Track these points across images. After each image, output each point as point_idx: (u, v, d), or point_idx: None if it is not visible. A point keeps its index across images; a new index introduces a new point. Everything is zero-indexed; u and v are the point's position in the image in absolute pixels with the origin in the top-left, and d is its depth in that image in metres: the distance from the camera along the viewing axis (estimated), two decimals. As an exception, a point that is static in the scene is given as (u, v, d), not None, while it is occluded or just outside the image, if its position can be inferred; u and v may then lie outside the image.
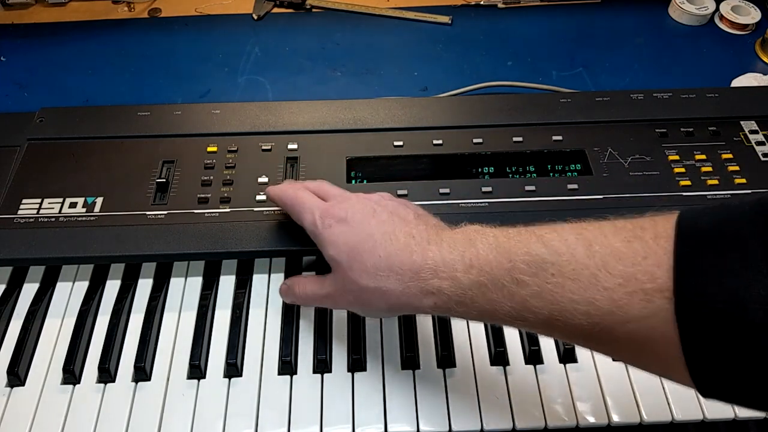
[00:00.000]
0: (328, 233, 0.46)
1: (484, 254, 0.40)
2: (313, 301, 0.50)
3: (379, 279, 0.43)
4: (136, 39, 0.82)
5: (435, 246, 0.42)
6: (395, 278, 0.42)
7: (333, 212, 0.47)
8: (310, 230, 0.48)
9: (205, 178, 0.59)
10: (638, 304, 0.33)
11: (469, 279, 0.39)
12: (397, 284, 0.42)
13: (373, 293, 0.43)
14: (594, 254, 0.35)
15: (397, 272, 0.42)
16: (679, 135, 0.63)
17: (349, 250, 0.44)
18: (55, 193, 0.58)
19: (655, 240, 0.34)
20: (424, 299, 0.42)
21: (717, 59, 0.80)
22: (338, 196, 0.50)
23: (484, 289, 0.39)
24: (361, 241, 0.44)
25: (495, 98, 0.68)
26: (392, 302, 0.43)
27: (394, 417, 0.49)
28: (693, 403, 0.50)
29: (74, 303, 0.56)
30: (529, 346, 0.52)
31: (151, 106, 0.65)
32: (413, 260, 0.42)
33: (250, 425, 0.49)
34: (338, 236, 0.45)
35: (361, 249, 0.44)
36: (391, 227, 0.44)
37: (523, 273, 0.37)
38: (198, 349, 0.52)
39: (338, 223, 0.46)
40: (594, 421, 0.49)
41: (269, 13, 0.86)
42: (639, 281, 0.33)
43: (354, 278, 0.44)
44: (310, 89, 0.76)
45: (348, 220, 0.46)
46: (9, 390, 0.51)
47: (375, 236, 0.44)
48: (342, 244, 0.45)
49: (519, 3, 0.87)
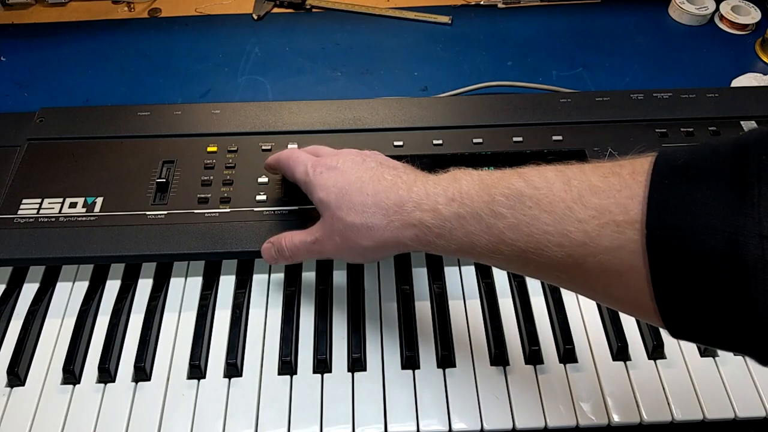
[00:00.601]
0: (318, 179, 0.48)
1: (466, 189, 0.41)
2: (302, 250, 0.50)
3: (366, 215, 0.44)
4: (136, 39, 0.82)
5: (421, 183, 0.44)
6: (381, 213, 0.44)
7: (324, 162, 0.49)
8: (302, 180, 0.50)
9: (205, 178, 0.59)
10: (609, 236, 0.34)
11: (449, 211, 0.41)
12: (382, 219, 0.44)
13: (359, 229, 0.45)
14: (571, 188, 0.36)
15: (382, 207, 0.44)
16: (679, 135, 0.63)
17: (338, 191, 0.46)
18: (55, 193, 0.58)
19: (632, 175, 0.34)
20: (405, 231, 0.43)
21: (717, 59, 0.80)
22: (331, 151, 0.52)
23: (462, 221, 0.40)
24: (350, 182, 0.46)
25: (495, 98, 0.68)
26: (376, 237, 0.44)
27: (394, 417, 0.49)
28: (693, 403, 0.50)
29: (74, 303, 0.56)
30: (529, 346, 0.52)
31: (151, 106, 0.66)
32: (399, 195, 0.44)
33: (250, 425, 0.49)
34: (328, 180, 0.47)
35: (349, 189, 0.46)
36: (380, 171, 0.46)
37: (502, 205, 0.38)
38: (198, 349, 0.52)
39: (329, 170, 0.48)
40: (594, 420, 0.49)
41: (269, 13, 0.86)
42: (612, 213, 0.34)
43: (341, 216, 0.45)
44: (310, 89, 0.76)
45: (338, 167, 0.48)
46: (9, 390, 0.51)
47: (363, 178, 0.46)
48: (332, 186, 0.47)
49: (519, 3, 0.87)
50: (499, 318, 0.54)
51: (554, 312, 0.54)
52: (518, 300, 0.55)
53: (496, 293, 0.56)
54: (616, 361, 0.52)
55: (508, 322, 0.54)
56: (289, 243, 0.51)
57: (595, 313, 0.55)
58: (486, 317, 0.55)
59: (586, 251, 0.35)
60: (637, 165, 0.35)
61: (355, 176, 0.47)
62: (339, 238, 0.46)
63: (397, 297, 0.56)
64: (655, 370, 0.52)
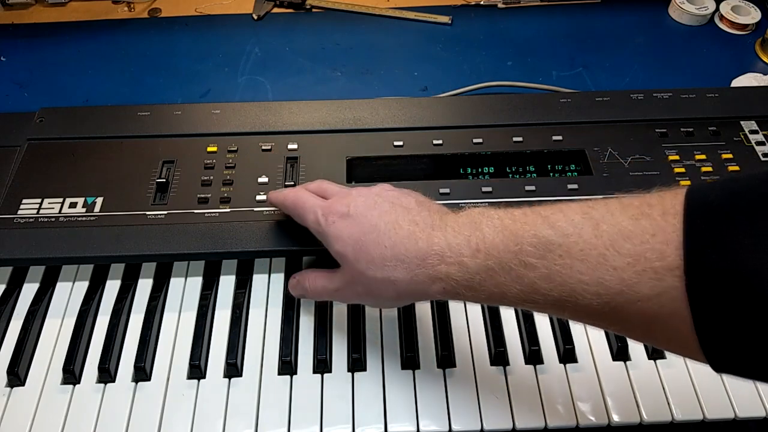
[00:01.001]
0: (332, 229, 0.46)
1: (490, 238, 0.39)
2: (324, 295, 0.50)
3: (387, 269, 0.43)
4: (136, 39, 0.82)
5: (439, 231, 0.42)
6: (402, 267, 0.42)
7: (335, 208, 0.47)
8: (314, 229, 0.48)
9: (205, 178, 0.59)
10: (648, 283, 0.33)
11: (476, 263, 0.39)
12: (405, 273, 0.42)
13: (382, 283, 0.43)
14: (602, 234, 0.35)
15: (403, 261, 0.42)
16: (679, 135, 0.63)
17: (354, 243, 0.44)
18: (55, 193, 0.58)
19: (664, 217, 0.34)
20: (432, 285, 0.41)
21: (717, 59, 0.80)
22: (339, 192, 0.50)
23: (491, 273, 0.39)
24: (365, 233, 0.44)
25: (495, 98, 0.68)
26: (401, 290, 0.43)
27: (394, 417, 0.49)
28: (693, 403, 0.50)
29: (74, 303, 0.56)
30: (529, 346, 0.52)
31: (151, 106, 0.65)
32: (419, 247, 0.42)
33: (250, 425, 0.49)
34: (342, 231, 0.45)
35: (366, 241, 0.44)
36: (394, 216, 0.44)
37: (531, 255, 0.37)
38: (198, 349, 0.52)
39: (341, 219, 0.46)
40: (594, 421, 0.49)
41: (269, 13, 0.86)
42: (648, 260, 0.33)
43: (361, 270, 0.44)
44: (310, 89, 0.76)
45: (351, 214, 0.46)
46: (9, 390, 0.51)
47: (379, 227, 0.44)
48: (347, 237, 0.45)
49: (519, 3, 0.87)
50: (499, 318, 0.54)
51: (554, 312, 0.54)
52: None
53: (496, 293, 0.56)
54: (616, 361, 0.52)
55: (508, 322, 0.54)
56: (312, 285, 0.50)
57: (595, 313, 0.55)
58: (486, 317, 0.55)
59: (624, 299, 0.34)
60: (667, 204, 0.34)
61: (369, 225, 0.44)
62: (361, 289, 0.46)
63: (397, 297, 0.56)
64: (655, 370, 0.52)
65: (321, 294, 0.50)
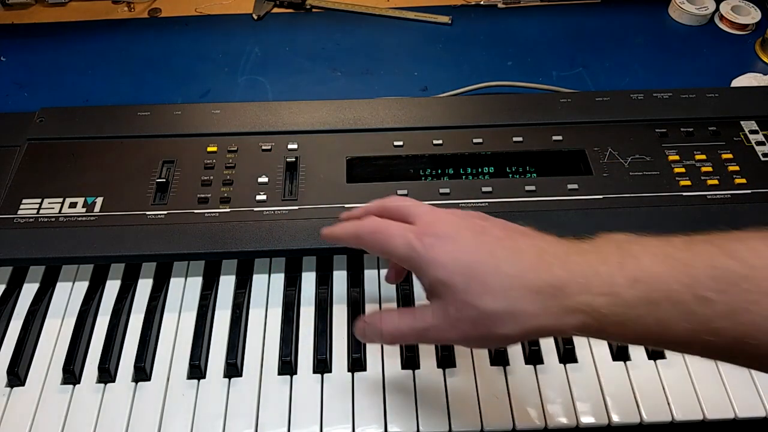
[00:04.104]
0: (433, 254, 0.39)
1: (650, 266, 0.34)
2: (410, 338, 0.42)
3: (509, 300, 0.36)
4: (136, 39, 0.82)
5: (578, 257, 0.36)
6: (530, 297, 0.36)
7: (432, 230, 0.40)
8: (407, 255, 0.40)
9: (205, 178, 0.59)
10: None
11: (634, 295, 0.34)
12: (533, 304, 0.36)
13: (500, 317, 0.36)
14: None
15: (533, 290, 0.36)
16: (679, 135, 0.63)
17: (464, 269, 0.38)
18: (55, 193, 0.58)
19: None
20: (567, 319, 0.35)
21: (717, 59, 0.80)
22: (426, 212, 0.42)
23: (653, 308, 0.33)
24: (478, 258, 0.38)
25: (495, 98, 0.68)
26: (526, 326, 0.36)
27: (394, 417, 0.49)
28: (693, 403, 0.50)
29: (74, 303, 0.55)
30: (529, 346, 0.52)
31: (151, 106, 0.65)
32: (554, 274, 0.36)
33: (250, 425, 0.49)
34: (446, 255, 0.38)
35: (480, 267, 0.37)
36: (513, 241, 0.38)
37: (709, 289, 0.32)
38: (198, 349, 0.52)
39: (442, 242, 0.39)
40: (594, 421, 0.49)
41: (269, 13, 0.86)
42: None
43: (472, 302, 0.37)
44: (310, 89, 0.76)
45: (454, 237, 0.39)
46: (9, 390, 0.51)
47: (496, 252, 0.38)
48: (451, 263, 0.38)
49: (519, 3, 0.87)
50: (499, 318, 0.54)
51: (554, 312, 0.54)
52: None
53: (496, 293, 0.56)
54: (616, 361, 0.52)
55: (508, 322, 0.54)
56: (392, 328, 0.41)
57: (595, 313, 0.55)
58: (486, 317, 0.55)
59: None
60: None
61: (484, 250, 0.38)
62: (469, 327, 0.38)
63: (397, 297, 0.56)
64: (655, 370, 0.52)
65: (405, 336, 0.41)
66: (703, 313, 0.33)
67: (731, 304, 0.32)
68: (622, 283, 0.34)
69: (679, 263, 0.34)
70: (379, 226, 0.42)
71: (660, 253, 0.34)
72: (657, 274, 0.34)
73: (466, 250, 0.38)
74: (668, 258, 0.34)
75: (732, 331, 0.32)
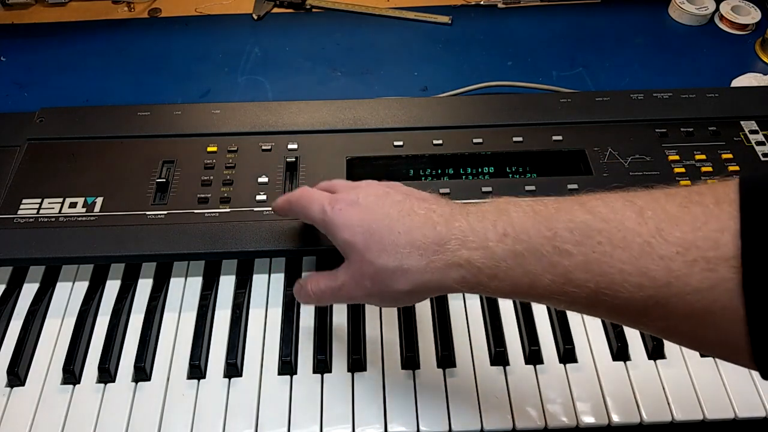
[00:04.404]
0: (339, 217, 0.43)
1: (519, 222, 0.36)
2: (327, 295, 0.46)
3: (400, 256, 0.39)
4: (136, 39, 0.82)
5: (461, 217, 0.39)
6: (417, 254, 0.39)
7: (343, 197, 0.44)
8: (319, 218, 0.45)
9: (205, 178, 0.59)
10: (699, 274, 0.30)
11: (503, 248, 0.36)
12: (420, 260, 0.39)
13: (393, 273, 0.40)
14: (647, 220, 0.32)
15: (419, 247, 0.39)
16: (679, 135, 0.63)
17: (364, 230, 0.41)
18: (55, 193, 0.58)
19: (717, 204, 0.31)
20: (450, 273, 0.38)
21: (717, 59, 0.80)
22: (347, 184, 0.48)
23: (520, 260, 0.36)
24: (376, 219, 0.41)
25: (495, 98, 0.68)
26: (415, 281, 0.39)
27: (394, 417, 0.49)
28: (693, 403, 0.50)
29: (74, 303, 0.55)
30: (529, 346, 0.52)
31: (151, 106, 0.65)
32: (437, 231, 0.39)
33: (250, 425, 0.49)
34: (350, 218, 0.42)
35: (377, 227, 0.41)
36: (409, 205, 0.41)
37: (567, 241, 0.34)
38: (198, 349, 0.52)
39: (350, 207, 0.43)
40: (594, 421, 0.49)
41: (269, 13, 0.86)
42: (700, 249, 0.30)
43: (371, 259, 0.41)
44: (310, 89, 0.76)
45: (360, 203, 0.43)
46: (9, 390, 0.51)
47: (391, 214, 0.41)
48: (356, 225, 0.42)
49: (519, 3, 0.87)
50: (499, 318, 0.54)
51: (554, 312, 0.54)
52: (518, 300, 0.55)
53: (496, 293, 0.56)
54: (616, 361, 0.52)
55: (508, 322, 0.54)
56: (315, 287, 0.46)
57: (595, 313, 0.55)
58: (486, 317, 0.55)
59: (671, 291, 0.31)
60: (719, 193, 0.32)
61: (381, 212, 0.41)
62: (369, 283, 0.42)
63: (397, 297, 0.56)
64: (655, 370, 0.52)
65: (325, 294, 0.46)
66: (563, 264, 0.34)
67: (587, 255, 0.34)
68: (493, 237, 0.37)
69: (542, 218, 0.36)
70: (304, 193, 0.48)
71: (529, 210, 0.37)
72: (523, 228, 0.36)
73: (368, 212, 0.42)
74: (535, 214, 0.36)
75: (590, 282, 0.34)
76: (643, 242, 0.32)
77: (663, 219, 0.32)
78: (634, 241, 0.32)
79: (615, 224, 0.33)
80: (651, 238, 0.32)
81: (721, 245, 0.30)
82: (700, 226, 0.31)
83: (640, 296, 0.32)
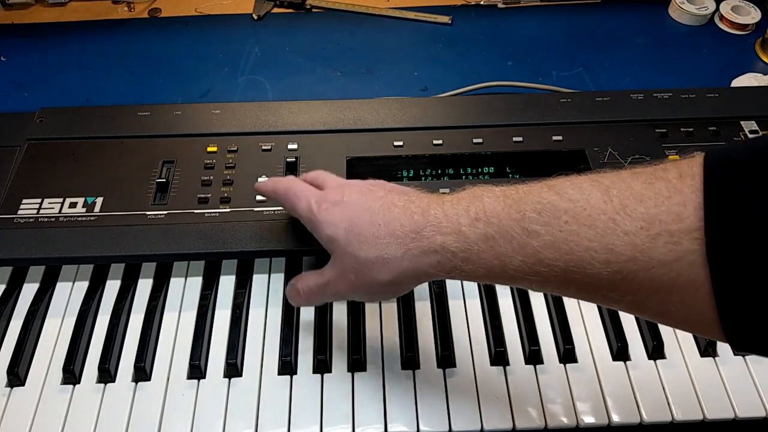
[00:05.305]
0: (324, 215, 0.45)
1: (490, 206, 0.37)
2: (316, 293, 0.47)
3: (379, 246, 0.41)
4: (136, 39, 0.82)
5: (437, 205, 0.40)
6: (396, 243, 0.40)
7: (329, 197, 0.46)
8: (306, 216, 0.47)
9: (205, 178, 0.59)
10: (663, 248, 0.31)
11: (474, 232, 0.37)
12: (398, 248, 0.40)
13: (374, 264, 0.41)
14: (612, 198, 0.33)
15: (397, 236, 0.40)
16: (679, 135, 0.63)
17: (346, 225, 0.43)
18: (55, 193, 0.58)
19: (680, 179, 0.31)
20: (426, 259, 0.39)
21: (717, 59, 0.80)
22: (334, 182, 0.49)
23: (491, 243, 0.37)
24: (358, 214, 0.43)
25: (495, 98, 0.68)
26: (394, 270, 0.41)
27: (394, 417, 0.49)
28: (693, 403, 0.50)
29: (74, 303, 0.56)
30: (529, 346, 0.52)
31: (151, 106, 0.65)
32: (414, 220, 0.40)
33: (250, 425, 0.49)
34: (334, 216, 0.44)
35: (358, 222, 0.42)
36: (390, 199, 0.43)
37: (534, 222, 0.35)
38: (198, 349, 0.52)
39: (335, 206, 0.45)
40: (594, 421, 0.49)
41: (269, 13, 0.86)
42: (663, 222, 0.31)
43: (352, 252, 0.42)
44: (310, 89, 0.76)
45: (344, 201, 0.44)
46: (9, 390, 0.51)
47: (373, 208, 0.42)
48: (339, 221, 0.43)
49: (519, 3, 0.87)
50: (499, 318, 0.54)
51: (554, 312, 0.54)
52: (518, 300, 0.55)
53: (496, 293, 0.56)
54: (616, 361, 0.52)
55: (508, 322, 0.54)
56: (304, 286, 0.47)
57: (595, 313, 0.55)
58: (486, 317, 0.55)
59: (637, 266, 0.32)
60: (683, 168, 0.32)
61: (363, 207, 0.43)
62: (353, 276, 0.43)
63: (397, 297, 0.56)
64: (655, 370, 0.52)
65: (313, 291, 0.47)
66: (532, 245, 0.35)
67: (555, 235, 0.34)
68: (465, 222, 0.38)
69: (512, 201, 0.37)
70: (292, 185, 0.49)
71: (501, 195, 0.38)
72: (493, 212, 0.37)
73: (351, 208, 0.43)
74: (506, 198, 0.37)
75: (558, 261, 0.34)
76: (608, 219, 0.33)
77: (628, 196, 0.33)
78: (599, 218, 0.33)
79: (581, 203, 0.34)
80: (616, 215, 0.33)
81: (684, 218, 0.31)
82: (663, 200, 0.31)
83: (607, 272, 0.33)
